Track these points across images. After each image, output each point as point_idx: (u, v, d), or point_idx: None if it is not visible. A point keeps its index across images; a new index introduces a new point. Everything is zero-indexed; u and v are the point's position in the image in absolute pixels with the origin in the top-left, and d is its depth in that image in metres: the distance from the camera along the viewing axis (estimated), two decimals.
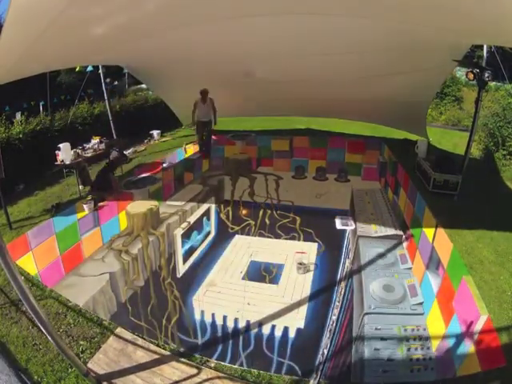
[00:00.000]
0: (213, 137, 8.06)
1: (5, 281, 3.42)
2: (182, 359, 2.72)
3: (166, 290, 3.60)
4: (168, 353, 2.78)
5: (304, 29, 3.70)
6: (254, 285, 3.65)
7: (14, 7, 2.07)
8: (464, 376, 2.42)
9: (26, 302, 2.05)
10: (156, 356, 2.74)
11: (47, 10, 2.38)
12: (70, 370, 2.50)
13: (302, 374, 2.61)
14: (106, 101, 7.57)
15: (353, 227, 4.78)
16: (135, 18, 3.10)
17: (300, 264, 3.84)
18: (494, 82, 10.90)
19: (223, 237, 4.63)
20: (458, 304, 2.81)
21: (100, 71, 7.24)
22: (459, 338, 2.61)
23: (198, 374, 2.57)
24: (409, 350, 2.80)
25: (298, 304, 3.36)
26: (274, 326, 3.09)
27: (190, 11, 3.17)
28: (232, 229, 4.84)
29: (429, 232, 3.78)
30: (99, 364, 2.62)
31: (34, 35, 2.64)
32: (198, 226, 4.91)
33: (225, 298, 3.46)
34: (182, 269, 3.98)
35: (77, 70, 7.98)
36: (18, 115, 6.79)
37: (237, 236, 4.65)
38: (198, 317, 3.23)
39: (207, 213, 5.34)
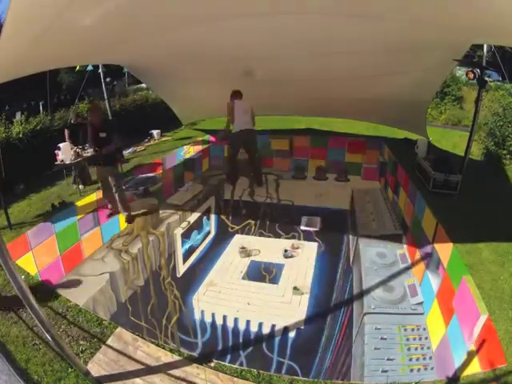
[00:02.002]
0: (211, 138, 8.02)
1: (5, 281, 3.42)
2: (182, 359, 2.72)
3: (165, 290, 3.60)
4: (168, 353, 2.78)
5: (303, 29, 3.69)
6: (254, 284, 3.65)
7: (14, 7, 2.07)
8: (464, 376, 2.42)
9: (26, 302, 2.06)
10: (156, 356, 2.74)
11: (47, 10, 2.38)
12: (69, 369, 2.50)
13: (302, 373, 2.61)
14: (106, 101, 7.57)
15: (317, 228, 4.76)
16: (135, 17, 3.10)
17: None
18: (495, 82, 10.90)
19: (223, 236, 4.63)
20: (457, 304, 2.81)
21: (100, 71, 7.24)
22: (459, 338, 2.61)
23: (197, 373, 2.57)
24: (409, 349, 2.80)
25: (298, 304, 3.36)
26: (273, 326, 3.09)
27: (190, 10, 3.16)
28: (232, 228, 4.84)
29: (429, 232, 3.78)
30: (99, 364, 2.62)
31: (34, 34, 2.63)
32: (197, 225, 4.91)
33: (225, 297, 3.46)
34: (181, 268, 3.98)
35: (77, 69, 7.97)
36: (18, 115, 6.80)
37: (237, 236, 4.65)
38: (197, 317, 3.23)
39: (207, 213, 5.33)
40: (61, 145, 5.50)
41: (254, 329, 3.07)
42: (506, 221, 4.15)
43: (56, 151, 5.50)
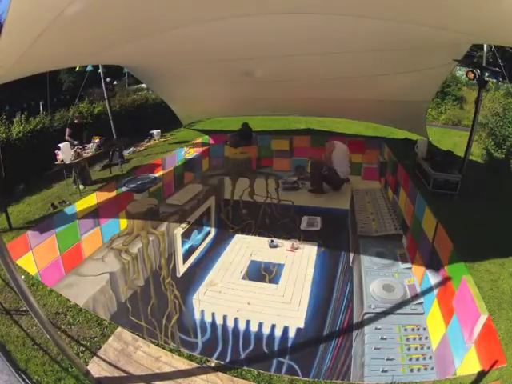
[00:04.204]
0: (211, 138, 8.03)
1: (4, 281, 3.42)
2: (182, 359, 2.72)
3: (166, 290, 3.60)
4: (168, 352, 2.78)
5: (303, 28, 3.69)
6: (254, 284, 3.65)
7: (14, 7, 2.07)
8: (464, 376, 2.42)
9: (26, 302, 2.05)
10: (156, 356, 2.74)
11: (47, 10, 2.38)
12: (70, 369, 2.50)
13: (302, 373, 2.61)
14: (106, 100, 7.56)
15: (318, 228, 4.77)
16: (135, 18, 3.10)
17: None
18: (495, 82, 10.91)
19: (223, 237, 4.62)
20: (457, 304, 2.81)
21: (100, 71, 7.24)
22: (459, 338, 2.61)
23: (197, 373, 2.57)
24: (409, 349, 2.80)
25: (298, 304, 3.37)
26: (273, 326, 3.09)
27: (190, 11, 3.17)
28: (232, 228, 4.84)
29: (429, 231, 3.78)
30: (99, 364, 2.62)
31: (35, 35, 2.63)
32: (197, 225, 4.91)
33: (225, 297, 3.46)
34: (181, 268, 3.98)
35: (76, 69, 7.98)
36: (18, 115, 6.79)
37: (237, 236, 4.65)
38: (197, 316, 3.23)
39: (207, 213, 5.34)
40: (61, 145, 5.51)
41: (253, 329, 3.07)
42: (506, 221, 4.15)
43: (56, 151, 5.51)
